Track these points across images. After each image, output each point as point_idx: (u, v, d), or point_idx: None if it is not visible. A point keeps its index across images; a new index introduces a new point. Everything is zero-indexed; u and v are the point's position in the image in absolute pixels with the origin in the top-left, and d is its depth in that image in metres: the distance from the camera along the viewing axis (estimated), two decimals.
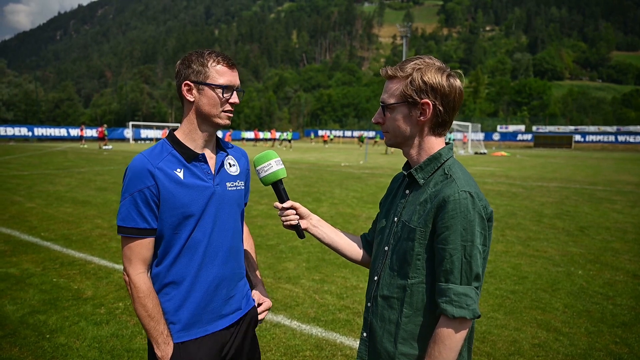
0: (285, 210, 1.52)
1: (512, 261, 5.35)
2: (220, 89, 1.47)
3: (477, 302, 1.20)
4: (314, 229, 1.56)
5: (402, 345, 1.29)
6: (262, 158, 1.52)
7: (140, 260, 1.46)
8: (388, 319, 1.32)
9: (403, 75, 1.30)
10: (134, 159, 1.46)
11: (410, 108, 1.31)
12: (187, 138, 1.52)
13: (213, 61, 1.47)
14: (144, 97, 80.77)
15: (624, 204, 9.59)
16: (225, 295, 1.57)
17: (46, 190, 10.34)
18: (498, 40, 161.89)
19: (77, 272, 4.74)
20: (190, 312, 1.50)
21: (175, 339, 1.49)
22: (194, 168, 1.49)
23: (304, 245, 5.85)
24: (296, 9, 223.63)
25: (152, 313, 1.44)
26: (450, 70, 1.32)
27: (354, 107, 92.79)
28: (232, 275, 1.60)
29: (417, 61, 1.30)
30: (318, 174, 15.37)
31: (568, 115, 75.87)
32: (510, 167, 20.36)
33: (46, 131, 43.19)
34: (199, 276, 1.50)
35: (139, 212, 1.42)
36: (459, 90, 1.30)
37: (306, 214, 1.55)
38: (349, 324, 3.62)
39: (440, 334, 1.20)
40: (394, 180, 1.56)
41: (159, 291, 1.50)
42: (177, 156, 1.48)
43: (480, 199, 1.23)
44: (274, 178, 1.51)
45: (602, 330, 3.55)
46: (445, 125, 1.34)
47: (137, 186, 1.41)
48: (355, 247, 1.59)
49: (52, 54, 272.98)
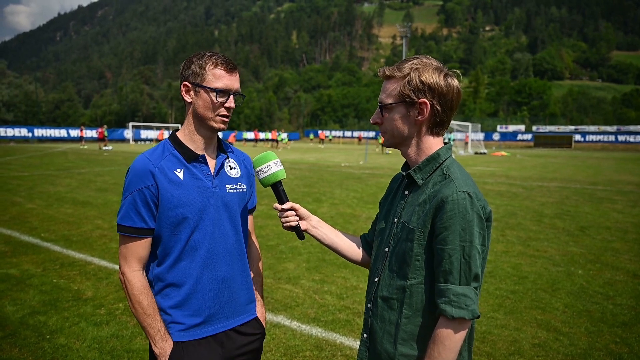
0: (285, 211, 1.51)
1: (512, 261, 5.35)
2: (215, 92, 1.46)
3: (477, 302, 1.20)
4: (313, 230, 1.55)
5: (402, 346, 1.29)
6: (261, 159, 1.52)
7: (135, 258, 1.46)
8: (388, 319, 1.33)
9: (400, 75, 1.30)
10: (136, 159, 1.47)
11: (408, 108, 1.31)
12: (187, 139, 1.53)
13: (212, 64, 1.47)
14: (144, 97, 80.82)
15: (625, 204, 9.59)
16: (229, 297, 1.57)
17: (46, 191, 10.34)
18: (498, 40, 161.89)
19: (77, 273, 4.74)
20: (192, 313, 1.50)
21: (176, 338, 1.49)
22: (193, 169, 1.50)
23: (304, 246, 5.85)
24: (296, 10, 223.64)
25: (148, 310, 1.44)
26: (447, 69, 1.32)
27: (354, 107, 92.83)
28: (235, 277, 1.59)
29: (415, 61, 1.30)
30: (318, 174, 15.37)
31: (568, 115, 75.89)
32: (510, 167, 20.36)
33: (46, 132, 43.20)
34: (201, 278, 1.50)
35: (137, 211, 1.43)
36: (456, 90, 1.30)
37: (306, 215, 1.55)
38: (349, 325, 3.62)
39: (439, 335, 1.20)
40: (393, 180, 1.55)
41: (159, 291, 1.50)
42: (178, 156, 1.49)
43: (478, 199, 1.23)
44: (273, 179, 1.51)
45: (602, 330, 3.55)
46: (443, 125, 1.34)
47: (137, 185, 1.42)
48: (355, 248, 1.59)
49: (52, 55, 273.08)
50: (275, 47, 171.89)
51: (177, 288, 1.49)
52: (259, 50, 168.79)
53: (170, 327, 1.50)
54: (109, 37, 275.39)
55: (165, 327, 1.48)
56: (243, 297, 1.63)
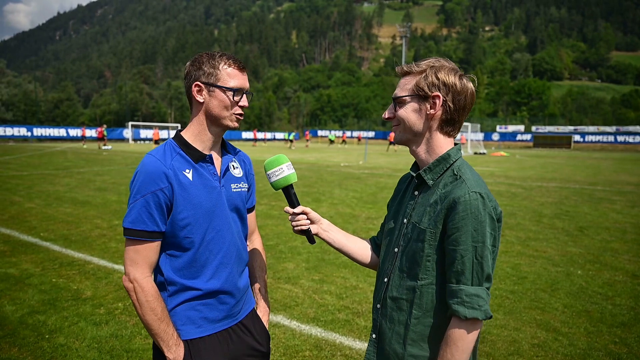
0: (297, 215, 1.51)
1: (511, 261, 5.35)
2: (231, 91, 1.47)
3: (488, 302, 1.20)
4: (324, 233, 1.55)
5: (411, 347, 1.28)
6: (274, 162, 1.50)
7: (147, 263, 1.44)
8: (397, 320, 1.32)
9: (417, 70, 1.33)
10: (145, 160, 1.43)
11: (421, 102, 1.32)
12: (196, 139, 1.52)
13: (225, 63, 1.47)
14: (143, 97, 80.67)
15: (624, 204, 9.60)
16: (235, 294, 1.58)
17: (46, 191, 10.33)
18: (497, 40, 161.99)
19: (76, 273, 4.74)
20: (202, 310, 1.51)
21: (184, 336, 1.49)
22: (201, 169, 1.49)
23: (303, 246, 5.85)
24: (296, 9, 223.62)
25: (162, 316, 1.43)
26: (463, 73, 1.34)
27: (354, 107, 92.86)
28: (240, 275, 1.61)
29: (433, 60, 1.33)
30: (318, 174, 15.37)
31: (567, 115, 75.99)
32: (509, 167, 20.37)
33: (45, 131, 43.13)
34: (214, 277, 1.51)
35: (150, 214, 1.40)
36: (470, 91, 1.31)
37: (317, 219, 1.54)
38: (348, 324, 3.62)
39: (452, 336, 1.19)
40: (400, 181, 1.55)
41: (174, 293, 1.49)
42: (185, 157, 1.48)
43: (490, 200, 1.23)
44: (285, 183, 1.50)
45: (602, 330, 3.55)
46: (455, 125, 1.34)
47: (151, 188, 1.39)
48: (365, 251, 1.59)
49: (52, 54, 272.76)
50: (274, 47, 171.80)
51: (189, 286, 1.49)
52: (258, 50, 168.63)
53: (179, 326, 1.50)
54: (109, 36, 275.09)
55: (177, 332, 1.47)
56: (245, 292, 1.66)
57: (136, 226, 1.40)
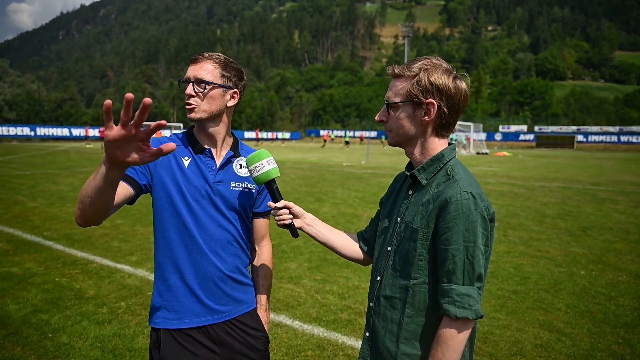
0: (279, 209, 1.52)
1: (514, 261, 5.34)
2: (180, 83, 1.57)
3: (480, 302, 1.20)
4: (308, 227, 1.56)
5: (404, 345, 1.29)
6: (254, 158, 1.52)
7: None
8: (390, 319, 1.33)
9: (410, 74, 1.30)
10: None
11: (414, 108, 1.31)
12: (199, 134, 1.61)
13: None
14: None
15: (627, 205, 9.56)
16: (218, 292, 1.56)
17: (49, 190, 10.36)
18: (500, 40, 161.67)
19: (79, 272, 4.75)
20: (179, 302, 1.52)
21: (164, 325, 1.52)
22: (199, 161, 1.56)
23: (305, 245, 5.85)
24: (298, 9, 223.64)
25: (89, 180, 1.25)
26: (456, 72, 1.32)
27: (356, 107, 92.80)
28: (225, 273, 1.57)
29: (425, 61, 1.30)
30: (320, 174, 15.38)
31: (570, 115, 75.83)
32: (512, 167, 20.33)
33: (48, 131, 43.31)
34: (191, 268, 1.53)
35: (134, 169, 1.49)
36: (464, 93, 1.30)
37: (300, 213, 1.55)
38: (350, 324, 3.62)
39: (443, 335, 1.20)
40: (395, 179, 1.56)
41: (158, 277, 1.56)
42: (187, 146, 1.58)
43: (482, 200, 1.23)
44: (266, 178, 1.50)
45: (605, 330, 3.54)
46: (449, 127, 1.34)
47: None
48: (350, 245, 1.59)
49: (55, 54, 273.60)
50: (277, 47, 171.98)
51: (167, 275, 1.54)
52: (260, 49, 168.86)
53: (160, 314, 1.53)
54: (111, 36, 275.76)
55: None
56: (237, 292, 1.62)
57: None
